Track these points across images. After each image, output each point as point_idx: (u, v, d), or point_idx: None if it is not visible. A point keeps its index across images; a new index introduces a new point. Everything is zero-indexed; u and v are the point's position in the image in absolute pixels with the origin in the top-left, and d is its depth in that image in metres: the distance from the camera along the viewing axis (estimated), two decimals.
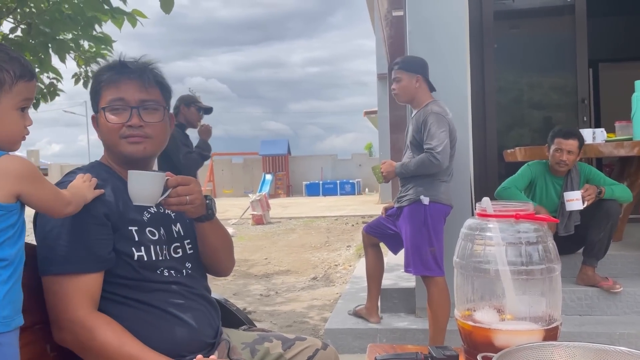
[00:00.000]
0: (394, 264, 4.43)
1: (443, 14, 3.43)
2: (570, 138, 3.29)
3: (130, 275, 1.30)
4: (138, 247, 1.31)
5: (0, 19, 3.57)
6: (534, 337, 1.05)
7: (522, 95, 5.34)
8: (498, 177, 4.60)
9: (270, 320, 4.24)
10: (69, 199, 1.15)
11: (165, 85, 1.44)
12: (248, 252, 7.83)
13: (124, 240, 1.30)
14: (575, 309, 3.34)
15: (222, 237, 1.51)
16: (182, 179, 1.30)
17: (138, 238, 1.32)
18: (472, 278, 1.13)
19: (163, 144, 1.44)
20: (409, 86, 3.00)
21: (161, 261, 1.35)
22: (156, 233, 1.37)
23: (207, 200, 1.39)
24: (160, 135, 1.41)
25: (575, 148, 3.28)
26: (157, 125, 1.38)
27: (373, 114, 16.97)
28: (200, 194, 1.33)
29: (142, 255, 1.31)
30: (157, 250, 1.35)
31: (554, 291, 1.10)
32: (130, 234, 1.32)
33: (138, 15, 3.44)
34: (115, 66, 1.39)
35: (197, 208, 1.33)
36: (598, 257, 3.34)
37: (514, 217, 1.11)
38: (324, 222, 11.66)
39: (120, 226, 1.30)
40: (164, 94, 1.44)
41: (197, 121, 4.13)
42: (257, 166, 25.08)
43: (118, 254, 1.29)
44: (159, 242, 1.36)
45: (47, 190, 1.11)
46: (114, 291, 1.28)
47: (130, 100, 1.35)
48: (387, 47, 8.98)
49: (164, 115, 1.41)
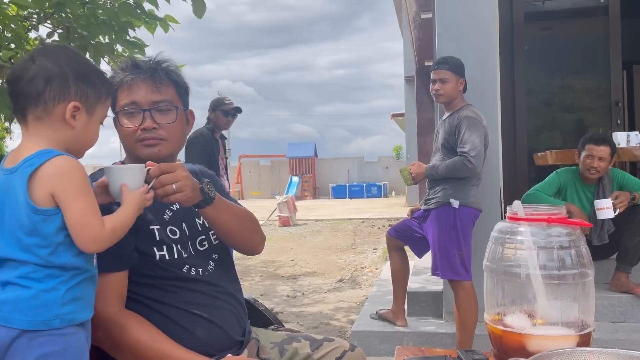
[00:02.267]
0: (422, 267, 4.41)
1: (472, 15, 3.40)
2: (602, 144, 3.21)
3: (154, 274, 1.30)
4: (160, 246, 1.32)
5: (38, 24, 3.68)
6: (566, 342, 1.03)
7: (553, 97, 5.25)
8: (528, 180, 4.54)
9: (296, 322, 4.25)
10: (102, 235, 1.08)
11: (180, 83, 1.42)
12: (275, 254, 7.88)
13: (146, 240, 1.30)
14: (608, 316, 3.27)
15: (236, 218, 1.41)
16: (166, 167, 1.21)
17: (159, 237, 1.32)
18: (503, 282, 1.12)
19: (180, 143, 1.43)
20: (455, 88, 2.98)
21: (185, 259, 1.35)
22: (177, 231, 1.36)
23: (200, 184, 1.28)
24: (175, 136, 1.39)
25: (606, 155, 3.20)
26: (171, 127, 1.37)
27: (400, 117, 16.87)
28: (188, 179, 1.22)
29: (164, 255, 1.32)
30: (179, 249, 1.34)
31: (586, 297, 1.08)
32: (151, 233, 1.32)
33: (170, 21, 3.51)
34: (128, 67, 1.39)
35: (189, 196, 1.23)
36: (632, 263, 3.26)
37: (545, 221, 1.10)
38: (350, 225, 11.64)
39: (141, 226, 1.28)
40: (179, 91, 1.42)
41: (225, 124, 4.25)
42: (284, 168, 25.20)
43: (140, 254, 1.29)
44: (181, 240, 1.36)
45: (79, 208, 1.05)
46: (140, 292, 1.29)
47: (143, 103, 1.35)
48: (415, 49, 8.93)
49: (177, 115, 1.38)
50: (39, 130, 1.11)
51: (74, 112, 1.12)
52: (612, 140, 3.32)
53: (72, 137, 1.13)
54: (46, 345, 1.03)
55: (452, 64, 2.98)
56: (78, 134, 1.13)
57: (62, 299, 1.04)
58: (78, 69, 1.14)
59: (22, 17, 3.56)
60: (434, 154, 3.11)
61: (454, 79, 2.96)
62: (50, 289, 1.04)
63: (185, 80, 1.45)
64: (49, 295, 1.04)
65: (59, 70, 1.12)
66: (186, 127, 1.46)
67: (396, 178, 23.50)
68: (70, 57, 1.15)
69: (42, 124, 1.11)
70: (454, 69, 2.97)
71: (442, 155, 2.99)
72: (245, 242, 1.48)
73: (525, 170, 4.69)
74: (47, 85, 1.10)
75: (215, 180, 1.58)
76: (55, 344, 1.03)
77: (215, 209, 1.32)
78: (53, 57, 1.14)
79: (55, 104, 1.10)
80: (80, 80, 1.13)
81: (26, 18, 3.62)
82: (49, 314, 1.03)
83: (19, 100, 1.11)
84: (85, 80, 1.14)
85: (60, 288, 1.05)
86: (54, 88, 1.10)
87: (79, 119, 1.13)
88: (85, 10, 3.40)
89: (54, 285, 1.04)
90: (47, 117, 1.11)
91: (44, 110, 1.10)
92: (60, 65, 1.12)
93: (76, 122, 1.12)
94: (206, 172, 1.60)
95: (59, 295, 1.04)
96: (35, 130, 1.11)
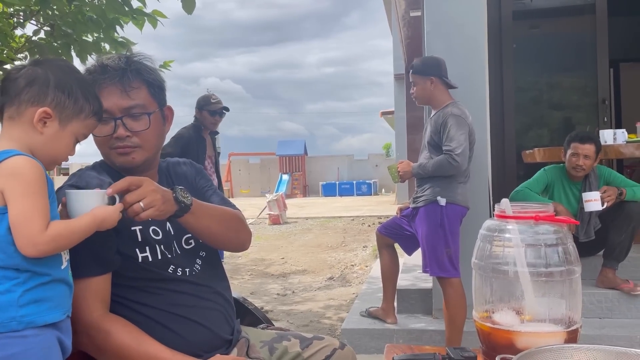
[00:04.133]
0: (411, 265, 4.42)
1: (461, 14, 3.41)
2: (587, 142, 3.25)
3: (137, 276, 1.28)
4: (142, 247, 1.29)
5: (24, 22, 3.64)
6: (554, 339, 1.04)
7: (541, 95, 5.28)
8: (516, 178, 4.57)
9: (287, 320, 4.25)
10: (40, 239, 1.03)
11: (152, 81, 1.34)
12: (265, 252, 7.87)
13: (127, 241, 1.27)
14: (595, 312, 3.30)
15: (218, 220, 1.35)
16: (130, 183, 1.15)
17: (141, 238, 1.29)
18: (491, 279, 1.13)
19: (156, 147, 1.38)
20: (424, 89, 3.01)
21: (170, 259, 1.32)
22: (160, 232, 1.33)
23: (173, 193, 1.21)
24: (150, 141, 1.34)
25: (592, 153, 3.24)
26: (145, 133, 1.31)
27: (390, 115, 16.92)
28: (156, 193, 1.16)
29: (147, 256, 1.29)
30: (163, 250, 1.32)
31: (574, 293, 1.09)
32: (133, 234, 1.29)
33: (158, 16, 3.48)
34: (96, 70, 1.31)
35: (161, 209, 1.17)
36: (619, 259, 3.29)
37: (533, 219, 1.11)
38: (341, 223, 11.65)
39: (122, 227, 1.24)
40: (152, 91, 1.34)
41: (212, 124, 4.14)
42: (274, 166, 25.16)
43: (123, 256, 1.26)
44: (165, 240, 1.33)
45: (20, 207, 1.03)
46: (124, 295, 1.27)
47: (114, 111, 1.29)
48: (405, 47, 8.95)
49: (150, 121, 1.32)
50: (10, 130, 1.12)
51: (44, 117, 1.11)
52: (597, 138, 3.35)
53: (40, 143, 1.12)
54: (5, 348, 1.01)
55: (415, 66, 3.05)
56: (46, 142, 1.12)
57: (18, 301, 1.03)
58: (62, 79, 1.15)
59: (8, 15, 3.52)
60: (421, 151, 3.12)
61: (420, 80, 3.01)
62: (5, 291, 1.02)
63: (159, 76, 1.38)
64: (4, 297, 1.02)
65: (44, 76, 1.13)
66: (163, 128, 1.40)
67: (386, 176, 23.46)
68: (60, 68, 1.17)
69: (13, 123, 1.12)
70: (418, 70, 3.02)
71: (428, 153, 3.00)
72: (231, 242, 1.45)
73: (514, 167, 4.72)
74: (27, 86, 1.11)
75: (202, 175, 1.56)
76: (14, 346, 1.02)
77: (194, 216, 1.26)
78: (46, 65, 1.16)
79: (27, 106, 1.11)
80: (60, 90, 1.13)
81: (12, 15, 3.58)
82: (4, 316, 1.02)
83: (2, 97, 1.13)
84: (66, 92, 1.14)
85: (16, 290, 1.03)
86: (32, 91, 1.11)
87: (49, 127, 1.12)
88: (72, 7, 3.36)
89: (8, 287, 1.03)
90: (18, 117, 1.11)
91: (17, 110, 1.11)
92: (46, 72, 1.14)
93: (45, 129, 1.12)
94: (194, 165, 1.58)
95: (14, 298, 1.02)
96: (6, 129, 1.12)
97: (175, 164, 1.54)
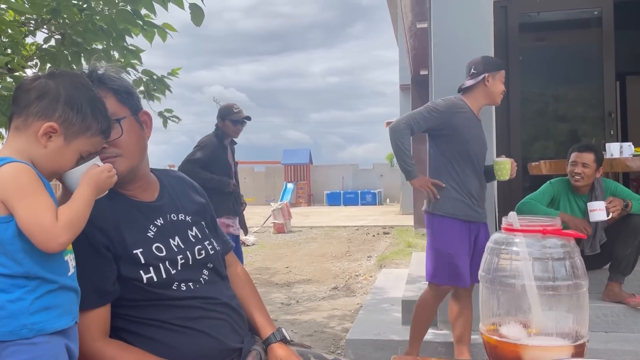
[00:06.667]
0: (416, 276, 4.42)
1: (468, 26, 3.43)
2: (586, 151, 3.28)
3: (143, 297, 1.27)
4: (146, 269, 1.27)
5: (35, 30, 3.68)
6: (561, 353, 1.04)
7: (547, 107, 5.28)
8: (522, 190, 4.56)
9: (291, 329, 4.25)
10: (57, 231, 1.05)
11: (118, 88, 1.32)
12: (269, 261, 7.86)
13: (130, 265, 1.26)
14: (601, 326, 3.28)
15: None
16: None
17: (144, 260, 1.28)
18: (498, 292, 1.13)
19: (139, 153, 1.34)
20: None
21: (175, 275, 1.31)
22: (163, 248, 1.32)
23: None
24: (129, 148, 1.30)
25: (590, 161, 3.24)
26: (120, 141, 1.28)
27: None
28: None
29: (152, 277, 1.27)
30: (167, 267, 1.30)
31: (581, 308, 1.09)
32: (135, 257, 1.27)
33: (168, 29, 3.51)
34: None
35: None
36: (625, 273, 3.28)
37: (541, 232, 1.11)
38: (345, 232, 11.64)
39: (123, 253, 1.25)
40: (120, 97, 1.31)
41: (234, 132, 4.27)
42: (279, 175, 25.20)
43: (126, 280, 1.25)
44: (169, 257, 1.32)
45: (25, 209, 1.04)
46: (130, 313, 1.27)
47: None
48: (411, 58, 8.98)
49: (122, 128, 1.29)
50: (15, 140, 1.13)
51: (49, 132, 1.12)
52: (599, 148, 3.35)
53: (42, 156, 1.12)
54: (15, 355, 1.02)
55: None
56: (48, 156, 1.13)
57: (29, 309, 1.04)
58: (73, 96, 1.15)
59: (20, 23, 3.56)
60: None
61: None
62: (16, 299, 1.03)
63: (125, 82, 1.35)
64: (15, 306, 1.03)
65: (55, 91, 1.14)
66: (141, 133, 1.36)
67: (391, 185, 23.58)
68: (73, 84, 1.17)
69: (18, 134, 1.12)
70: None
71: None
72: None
73: (520, 179, 4.71)
74: (37, 99, 1.12)
75: (194, 190, 1.55)
76: (24, 353, 1.03)
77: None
78: (60, 79, 1.16)
79: (35, 119, 1.12)
80: (69, 106, 1.14)
81: (23, 24, 3.62)
82: (16, 323, 1.02)
83: (13, 107, 1.14)
84: (75, 108, 1.15)
85: (27, 298, 1.04)
86: (41, 104, 1.12)
87: (53, 141, 1.13)
88: (83, 17, 3.40)
89: (19, 295, 1.04)
90: (24, 129, 1.12)
91: (24, 122, 1.12)
92: (58, 87, 1.14)
93: (49, 143, 1.12)
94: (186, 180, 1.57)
95: (25, 305, 1.03)
96: (11, 139, 1.13)
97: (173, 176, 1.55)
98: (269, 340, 1.43)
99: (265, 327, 1.48)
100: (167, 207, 1.41)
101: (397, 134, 2.83)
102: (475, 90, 2.92)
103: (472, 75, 2.92)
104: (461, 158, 2.86)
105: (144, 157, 1.38)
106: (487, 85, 2.89)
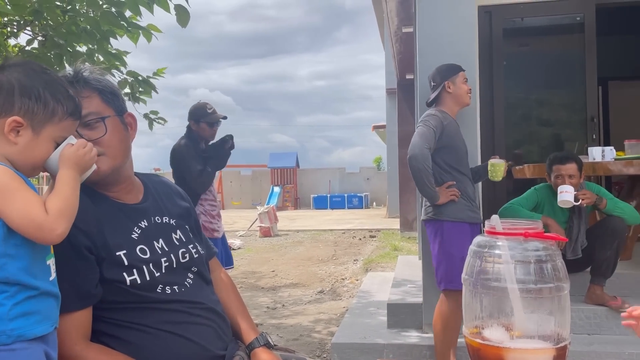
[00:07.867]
0: (401, 279, 4.43)
1: (452, 31, 3.46)
2: (567, 162, 3.28)
3: (126, 300, 1.26)
4: (129, 271, 1.26)
5: (18, 32, 3.64)
6: (543, 356, 1.05)
7: (530, 112, 5.34)
8: (506, 194, 4.60)
9: (276, 334, 4.23)
10: (51, 224, 1.04)
11: (103, 89, 1.32)
12: (255, 264, 7.83)
13: (113, 267, 1.25)
14: (584, 328, 3.31)
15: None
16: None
17: (128, 262, 1.27)
18: (481, 295, 1.13)
19: (122, 154, 1.34)
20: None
21: (159, 277, 1.30)
22: (147, 250, 1.31)
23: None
24: (113, 147, 1.30)
25: (574, 171, 3.27)
26: (103, 140, 1.28)
27: (382, 129, 16.99)
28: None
29: (135, 279, 1.26)
30: (151, 269, 1.29)
31: (562, 310, 1.10)
32: (118, 259, 1.26)
33: (153, 30, 3.49)
34: None
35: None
36: (606, 275, 3.32)
37: (523, 235, 1.12)
38: (332, 236, 11.64)
39: (106, 255, 1.24)
40: (105, 97, 1.32)
41: (210, 136, 3.75)
42: (265, 178, 25.14)
43: (109, 282, 1.24)
44: (152, 259, 1.31)
45: (16, 206, 1.02)
46: (112, 316, 1.26)
47: None
48: (397, 62, 9.02)
49: (105, 127, 1.29)
50: None
51: (15, 127, 1.09)
52: (576, 156, 3.38)
53: (16, 153, 1.09)
54: None
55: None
56: (22, 151, 1.10)
57: (8, 315, 1.02)
58: (27, 84, 1.11)
59: (2, 24, 3.52)
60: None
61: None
62: None
63: (110, 83, 1.36)
64: None
65: (7, 84, 1.10)
66: (126, 134, 1.36)
67: (377, 189, 23.65)
68: (24, 72, 1.12)
69: None
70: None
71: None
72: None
73: (504, 183, 4.75)
74: None
75: (178, 195, 1.54)
76: (3, 359, 1.01)
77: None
78: (8, 70, 1.12)
79: None
80: (26, 96, 1.10)
81: (6, 25, 3.57)
82: None
83: None
84: (34, 97, 1.10)
85: (6, 303, 1.02)
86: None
87: (22, 136, 1.10)
88: (66, 18, 3.37)
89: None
90: None
91: None
92: (10, 79, 1.10)
93: (19, 139, 1.09)
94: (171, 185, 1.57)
95: (4, 311, 1.02)
96: None
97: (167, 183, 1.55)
98: (252, 345, 1.42)
99: (249, 332, 1.47)
100: (151, 210, 1.40)
101: (421, 157, 2.83)
102: (442, 100, 3.06)
103: (434, 87, 3.10)
104: (457, 164, 2.98)
105: (128, 158, 1.38)
106: (450, 92, 3.04)
